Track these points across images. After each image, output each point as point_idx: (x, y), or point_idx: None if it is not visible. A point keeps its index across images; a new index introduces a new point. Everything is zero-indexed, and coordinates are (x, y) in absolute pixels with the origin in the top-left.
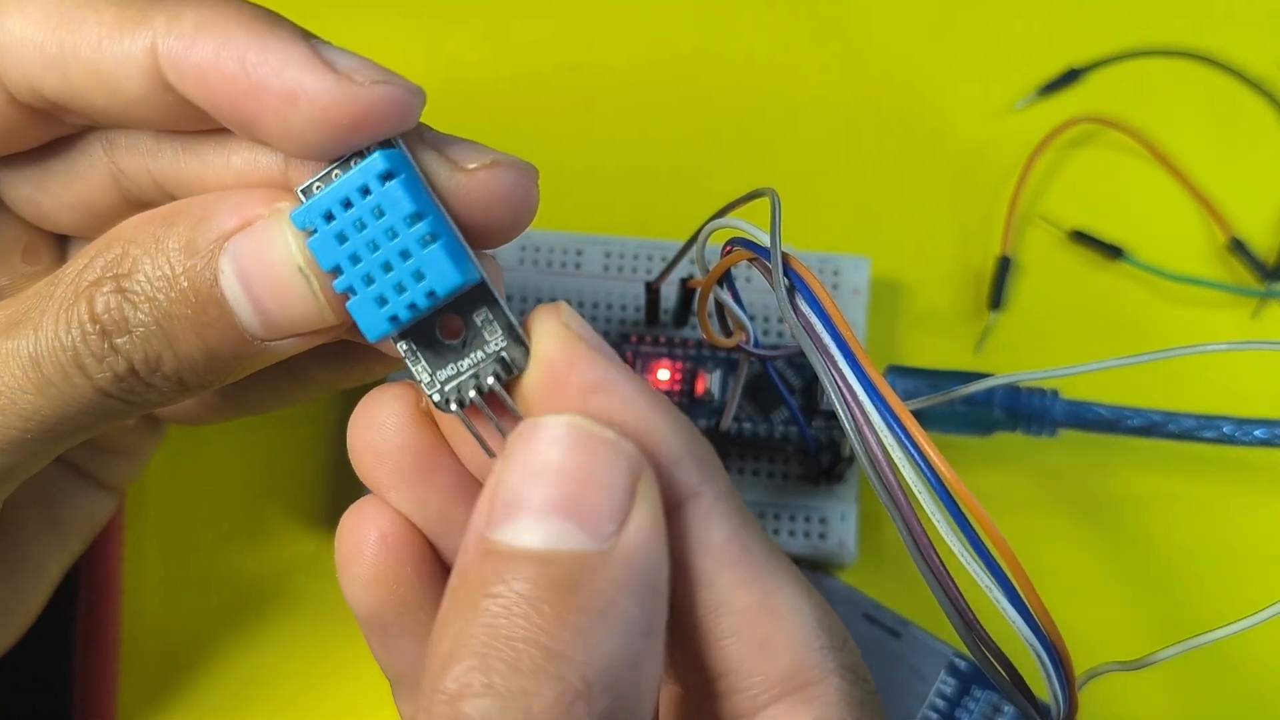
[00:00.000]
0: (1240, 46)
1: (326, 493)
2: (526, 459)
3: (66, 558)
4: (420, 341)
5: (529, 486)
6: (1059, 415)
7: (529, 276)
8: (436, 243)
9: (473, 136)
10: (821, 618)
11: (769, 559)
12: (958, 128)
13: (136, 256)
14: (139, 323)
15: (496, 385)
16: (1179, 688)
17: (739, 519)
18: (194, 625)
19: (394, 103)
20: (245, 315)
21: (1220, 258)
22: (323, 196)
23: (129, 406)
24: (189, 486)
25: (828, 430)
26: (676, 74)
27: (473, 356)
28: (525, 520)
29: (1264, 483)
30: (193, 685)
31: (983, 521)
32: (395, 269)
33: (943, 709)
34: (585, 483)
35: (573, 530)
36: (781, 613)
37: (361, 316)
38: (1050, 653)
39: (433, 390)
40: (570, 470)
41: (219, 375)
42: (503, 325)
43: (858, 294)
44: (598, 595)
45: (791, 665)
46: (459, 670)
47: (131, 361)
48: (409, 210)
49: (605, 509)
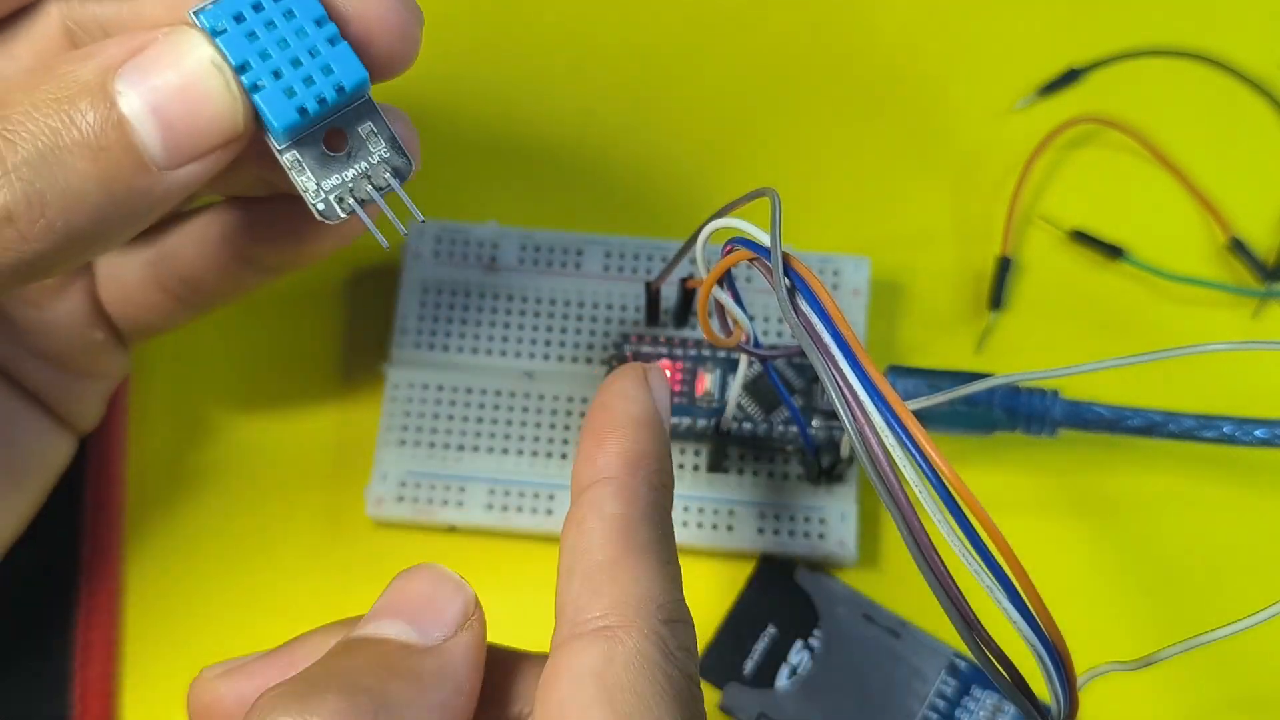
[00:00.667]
0: (1240, 46)
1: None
2: (395, 585)
3: (23, 503)
4: (307, 155)
5: (390, 600)
6: (1059, 415)
7: (529, 276)
8: (343, 42)
9: (473, 136)
10: (654, 593)
11: (640, 544)
12: (958, 128)
13: (14, 100)
14: (18, 161)
15: (396, 184)
16: (1179, 687)
17: (636, 509)
18: (195, 625)
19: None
20: (147, 134)
21: (1220, 258)
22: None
23: (4, 273)
24: (190, 484)
25: (827, 430)
26: (677, 74)
27: (357, 166)
28: (380, 620)
29: (1264, 483)
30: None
31: (984, 521)
32: (304, 64)
33: (943, 709)
34: (431, 603)
35: (410, 629)
36: (617, 572)
37: (271, 108)
38: (1051, 652)
39: (316, 200)
40: (424, 594)
41: (110, 219)
42: (385, 137)
43: (857, 294)
44: (410, 672)
45: (604, 609)
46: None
47: (6, 205)
48: (318, 13)
49: (439, 622)
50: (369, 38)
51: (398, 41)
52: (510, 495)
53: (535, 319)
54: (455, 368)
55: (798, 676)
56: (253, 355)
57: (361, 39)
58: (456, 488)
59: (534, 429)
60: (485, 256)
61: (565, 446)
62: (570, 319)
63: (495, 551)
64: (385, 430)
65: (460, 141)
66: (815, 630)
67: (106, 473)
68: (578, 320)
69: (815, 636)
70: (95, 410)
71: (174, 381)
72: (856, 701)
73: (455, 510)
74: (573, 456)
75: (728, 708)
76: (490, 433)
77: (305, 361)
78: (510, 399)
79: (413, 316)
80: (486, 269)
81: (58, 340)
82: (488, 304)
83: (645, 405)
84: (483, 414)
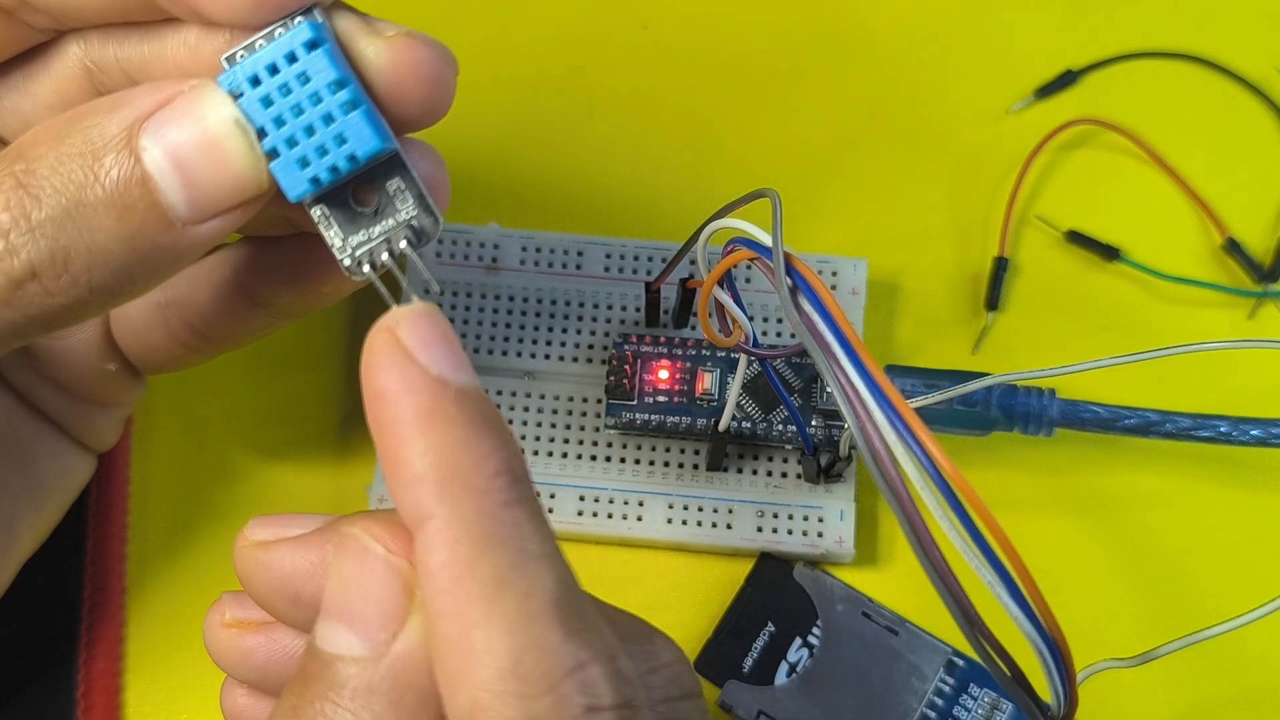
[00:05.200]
0: (1235, 48)
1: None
2: (334, 573)
3: (42, 524)
4: (335, 208)
5: (331, 597)
6: (1055, 415)
7: (530, 277)
8: (358, 109)
9: (474, 137)
10: (524, 662)
11: (487, 591)
12: (955, 129)
13: (40, 154)
14: (43, 218)
15: (409, 249)
16: (1176, 684)
17: (468, 547)
18: (198, 624)
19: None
20: (171, 191)
21: (1216, 259)
22: (250, 61)
23: (29, 324)
24: (193, 489)
25: (825, 429)
26: (676, 75)
27: (384, 224)
28: (323, 623)
29: (1260, 481)
30: (196, 685)
31: (985, 517)
32: (318, 132)
33: (941, 707)
34: (366, 598)
35: (350, 636)
36: (471, 650)
37: (284, 177)
38: (1052, 649)
39: (344, 256)
40: (358, 584)
41: (134, 274)
42: (414, 195)
43: (855, 295)
44: (341, 692)
45: (468, 705)
46: None
47: (32, 262)
48: (333, 77)
49: (376, 622)
50: (400, 92)
51: (431, 93)
52: None
53: (536, 319)
54: None
55: (797, 674)
56: (256, 354)
57: (392, 93)
58: None
59: (535, 428)
60: (487, 257)
61: (566, 446)
62: (571, 319)
63: None
64: None
65: (462, 143)
66: (814, 628)
67: (110, 472)
68: (578, 320)
69: (814, 634)
70: (112, 433)
71: (177, 380)
72: (855, 698)
73: None
74: (572, 456)
75: (727, 705)
76: None
77: (308, 361)
78: (511, 399)
79: None
80: (488, 270)
81: (73, 370)
82: (489, 304)
83: (417, 387)
84: None
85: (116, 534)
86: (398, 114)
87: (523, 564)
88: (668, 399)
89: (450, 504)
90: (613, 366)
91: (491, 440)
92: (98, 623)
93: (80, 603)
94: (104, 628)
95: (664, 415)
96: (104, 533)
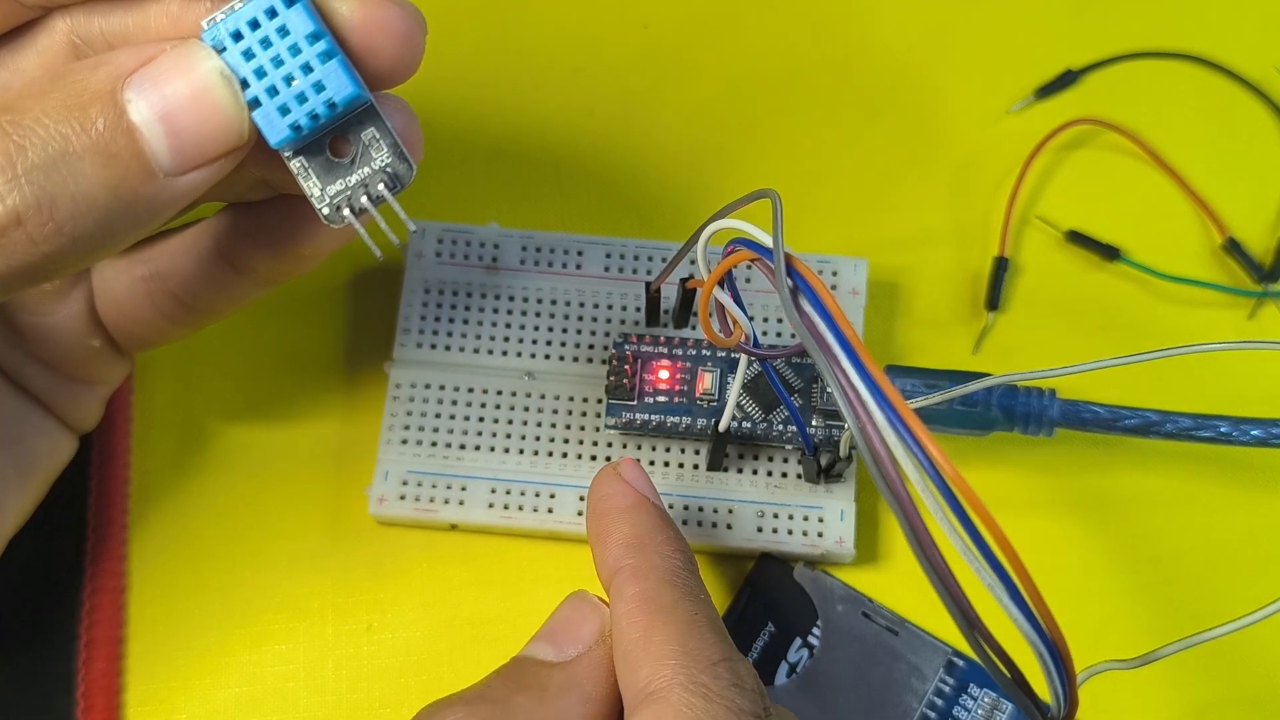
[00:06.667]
0: (1235, 48)
1: (327, 519)
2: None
3: (26, 501)
4: (313, 160)
5: (544, 626)
6: (1056, 415)
7: (530, 277)
8: (334, 59)
9: (475, 138)
10: (690, 650)
11: (665, 609)
12: (955, 129)
13: (26, 106)
14: (29, 165)
15: (388, 194)
16: (1177, 685)
17: (652, 582)
18: (198, 621)
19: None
20: (155, 140)
21: (1216, 259)
22: (233, 17)
23: (10, 275)
24: (193, 483)
25: (826, 429)
26: (676, 76)
27: (360, 172)
28: (533, 642)
29: (1260, 482)
30: (197, 685)
31: (985, 519)
32: (298, 80)
33: (941, 707)
34: (569, 625)
35: (549, 649)
36: (651, 642)
37: (266, 125)
38: (1052, 650)
39: (322, 205)
40: (564, 617)
41: (115, 225)
42: (389, 143)
43: (856, 295)
44: (537, 684)
45: (648, 676)
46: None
47: (18, 208)
48: (311, 29)
49: (574, 640)
50: (371, 47)
51: (401, 49)
52: (511, 494)
53: (536, 319)
54: (457, 368)
55: (797, 674)
56: (256, 355)
57: (364, 49)
58: (458, 486)
59: (535, 428)
60: (487, 257)
61: (566, 445)
62: (571, 319)
63: (496, 550)
64: (387, 429)
65: (462, 143)
66: (814, 628)
67: (110, 471)
68: (578, 320)
69: (814, 634)
70: (94, 413)
71: (177, 381)
72: (855, 698)
73: (457, 509)
74: (572, 456)
75: None
76: (492, 432)
77: (308, 361)
78: (511, 399)
79: (415, 317)
80: (488, 270)
81: (57, 347)
82: (489, 304)
83: (626, 494)
84: (484, 413)
85: (116, 534)
86: (370, 68)
87: (689, 599)
88: (668, 399)
89: (640, 556)
90: (613, 366)
91: (671, 531)
92: (98, 622)
93: (80, 602)
94: (104, 627)
95: (664, 415)
96: (104, 532)
